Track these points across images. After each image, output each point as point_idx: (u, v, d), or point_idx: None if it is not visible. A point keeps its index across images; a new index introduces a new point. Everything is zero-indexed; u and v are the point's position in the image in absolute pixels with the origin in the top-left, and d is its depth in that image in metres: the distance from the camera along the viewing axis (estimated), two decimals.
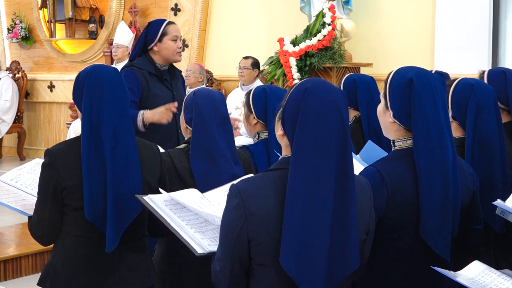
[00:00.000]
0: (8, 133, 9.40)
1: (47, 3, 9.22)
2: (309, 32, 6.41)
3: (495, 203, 2.21)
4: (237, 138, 4.93)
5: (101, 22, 9.25)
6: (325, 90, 1.83)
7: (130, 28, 8.16)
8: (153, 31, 4.16)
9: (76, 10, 9.06)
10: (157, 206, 2.12)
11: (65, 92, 9.39)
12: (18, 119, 9.54)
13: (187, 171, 2.64)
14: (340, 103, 1.83)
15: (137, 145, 2.37)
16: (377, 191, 2.04)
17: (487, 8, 6.32)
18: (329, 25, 6.34)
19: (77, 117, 7.49)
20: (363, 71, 6.49)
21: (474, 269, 2.01)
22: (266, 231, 1.80)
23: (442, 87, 2.17)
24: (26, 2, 9.90)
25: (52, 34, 9.39)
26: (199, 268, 2.55)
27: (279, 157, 1.95)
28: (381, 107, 2.24)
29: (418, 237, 2.10)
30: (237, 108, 6.31)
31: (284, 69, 6.37)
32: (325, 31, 6.33)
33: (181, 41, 4.26)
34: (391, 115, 2.17)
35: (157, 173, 2.48)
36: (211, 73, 7.99)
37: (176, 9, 8.39)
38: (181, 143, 2.80)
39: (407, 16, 6.74)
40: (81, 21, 9.22)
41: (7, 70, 9.60)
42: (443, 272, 1.98)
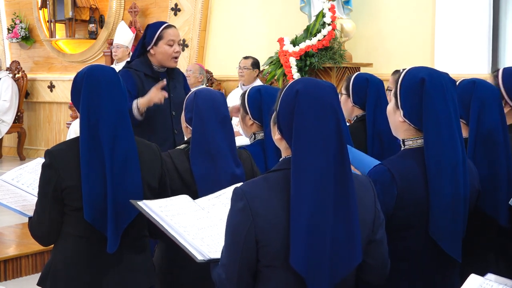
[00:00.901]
0: (8, 133, 9.40)
1: (47, 3, 9.22)
2: (309, 32, 6.41)
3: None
4: (237, 138, 4.93)
5: (101, 22, 9.25)
6: (316, 90, 1.84)
7: (130, 28, 8.16)
8: (150, 33, 4.17)
9: (76, 10, 9.06)
10: (152, 212, 2.10)
11: (65, 92, 9.39)
12: (18, 119, 9.54)
13: (187, 172, 2.64)
14: (333, 101, 1.84)
15: (137, 146, 2.37)
16: (387, 190, 2.04)
17: (487, 8, 6.32)
18: (329, 25, 6.34)
19: (77, 117, 7.48)
20: (363, 71, 6.49)
21: (471, 286, 1.95)
22: (273, 231, 1.80)
23: (453, 87, 2.18)
24: (26, 2, 9.90)
25: (52, 34, 9.39)
26: (199, 268, 2.54)
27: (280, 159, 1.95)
28: (391, 106, 2.24)
29: (427, 237, 2.10)
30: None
31: (284, 69, 6.37)
32: (325, 31, 6.33)
33: (179, 45, 4.20)
34: (401, 114, 2.18)
35: (157, 174, 2.47)
36: (211, 73, 7.99)
37: (176, 9, 8.38)
38: (179, 144, 2.80)
39: (407, 16, 6.74)
40: (81, 21, 9.22)
41: (7, 70, 9.60)
42: None
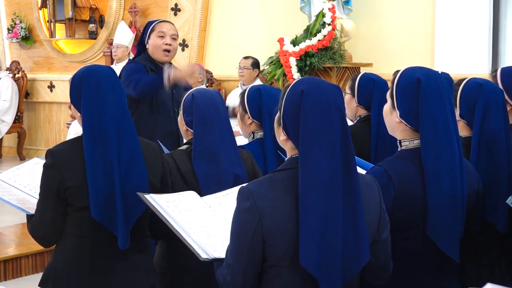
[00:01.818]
0: (8, 133, 9.40)
1: (47, 3, 9.22)
2: (309, 32, 6.41)
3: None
4: (237, 138, 4.91)
5: (101, 22, 9.25)
6: (322, 90, 1.84)
7: (130, 28, 8.16)
8: (145, 29, 4.22)
9: (76, 10, 9.06)
10: (159, 206, 2.11)
11: (65, 92, 9.39)
12: (18, 119, 9.54)
13: (190, 172, 2.63)
14: (338, 101, 1.84)
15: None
16: (384, 191, 2.04)
17: (487, 8, 6.32)
18: (329, 25, 6.34)
19: None
20: (363, 71, 6.48)
21: None
22: (280, 231, 1.80)
23: (449, 87, 2.18)
24: (26, 2, 9.90)
25: (52, 34, 9.39)
26: (200, 269, 2.54)
27: (285, 158, 1.95)
28: (387, 107, 2.24)
29: (424, 238, 2.10)
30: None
31: (284, 69, 6.37)
32: (325, 31, 6.33)
33: (172, 39, 4.17)
34: (398, 115, 2.17)
35: (159, 172, 2.47)
36: (211, 73, 7.99)
37: (176, 9, 8.38)
38: (182, 139, 2.78)
39: (407, 16, 6.74)
40: (81, 21, 9.22)
41: (7, 70, 9.60)
42: None
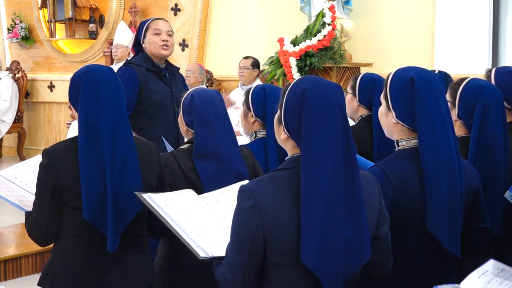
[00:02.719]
0: (8, 133, 9.41)
1: (47, 3, 9.22)
2: (309, 32, 6.41)
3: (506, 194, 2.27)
4: (237, 138, 4.90)
5: (101, 22, 9.25)
6: (324, 88, 1.84)
7: (130, 28, 8.16)
8: (140, 29, 4.22)
9: (76, 10, 9.06)
10: (157, 205, 2.10)
11: (65, 92, 9.38)
12: (18, 119, 9.54)
13: (192, 171, 2.63)
14: (340, 99, 1.85)
15: (135, 144, 2.37)
16: (382, 191, 2.04)
17: (487, 8, 6.32)
18: (329, 25, 6.34)
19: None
20: (363, 71, 6.48)
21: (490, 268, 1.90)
22: (281, 229, 1.80)
23: (442, 84, 2.19)
24: (26, 2, 9.90)
25: (52, 34, 9.39)
26: (202, 268, 2.54)
27: (286, 157, 1.95)
28: (382, 109, 2.24)
29: (424, 237, 2.11)
30: (237, 108, 6.31)
31: (284, 69, 6.37)
32: (325, 31, 6.33)
33: (168, 36, 4.19)
34: (394, 115, 2.17)
35: (156, 172, 2.47)
36: (211, 73, 7.99)
37: (176, 9, 8.38)
38: (182, 138, 2.77)
39: (407, 16, 6.74)
40: (81, 21, 9.22)
41: (7, 70, 9.60)
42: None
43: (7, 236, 5.63)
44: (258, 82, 6.72)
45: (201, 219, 2.12)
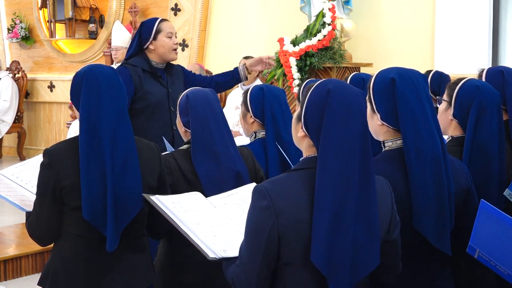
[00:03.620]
0: (8, 133, 9.41)
1: (47, 3, 9.23)
2: (309, 32, 6.40)
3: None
4: (237, 138, 4.91)
5: (101, 22, 9.25)
6: (348, 92, 1.85)
7: (127, 28, 8.14)
8: (147, 30, 4.18)
9: (76, 10, 9.06)
10: (165, 207, 2.11)
11: (65, 92, 9.39)
12: (18, 119, 9.55)
13: (191, 172, 2.64)
14: (362, 105, 1.86)
15: (136, 144, 2.37)
16: None
17: (487, 8, 6.32)
18: (329, 25, 6.34)
19: (77, 117, 7.47)
20: (363, 71, 6.49)
21: None
22: (295, 229, 1.81)
23: (424, 82, 2.19)
24: (26, 2, 9.90)
25: (52, 34, 9.39)
26: (202, 268, 2.54)
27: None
28: (368, 112, 2.24)
29: (412, 236, 2.10)
30: (237, 108, 6.32)
31: (284, 69, 6.36)
32: (325, 31, 6.32)
33: (176, 38, 4.24)
34: (379, 118, 2.18)
35: (156, 172, 2.48)
36: (211, 73, 7.99)
37: (176, 9, 8.39)
38: (177, 139, 2.77)
39: (407, 16, 6.74)
40: (81, 21, 9.22)
41: (7, 70, 9.60)
42: None
43: (7, 236, 5.63)
44: (258, 82, 6.71)
45: (209, 221, 2.13)
